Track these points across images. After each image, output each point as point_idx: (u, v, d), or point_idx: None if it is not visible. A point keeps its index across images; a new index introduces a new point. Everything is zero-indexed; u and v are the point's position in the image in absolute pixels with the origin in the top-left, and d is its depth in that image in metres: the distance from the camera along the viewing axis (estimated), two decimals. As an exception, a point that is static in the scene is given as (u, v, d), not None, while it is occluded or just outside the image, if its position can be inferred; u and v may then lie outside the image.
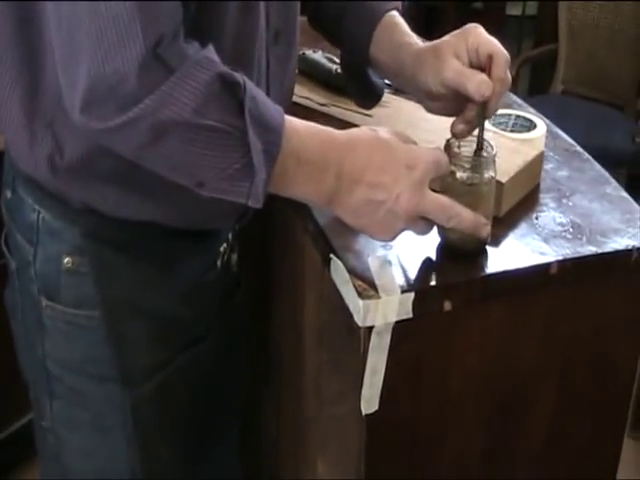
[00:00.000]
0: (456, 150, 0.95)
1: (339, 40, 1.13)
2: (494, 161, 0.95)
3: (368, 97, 1.17)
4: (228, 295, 1.11)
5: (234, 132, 0.82)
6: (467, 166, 0.94)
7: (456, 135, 0.97)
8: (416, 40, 1.05)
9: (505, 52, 0.97)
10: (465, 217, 0.91)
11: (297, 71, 1.30)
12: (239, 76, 0.83)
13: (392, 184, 0.87)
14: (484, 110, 0.96)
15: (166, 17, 0.78)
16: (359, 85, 1.15)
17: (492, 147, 0.96)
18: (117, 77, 0.78)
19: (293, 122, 0.88)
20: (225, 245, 1.09)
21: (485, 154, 0.95)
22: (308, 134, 0.88)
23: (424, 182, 0.89)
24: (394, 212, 0.88)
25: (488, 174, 0.94)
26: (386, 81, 1.25)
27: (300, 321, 1.16)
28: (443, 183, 0.94)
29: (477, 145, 0.96)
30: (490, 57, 0.95)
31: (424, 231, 0.92)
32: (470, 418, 0.99)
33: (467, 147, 0.96)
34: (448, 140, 0.97)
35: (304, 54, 1.33)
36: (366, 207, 0.88)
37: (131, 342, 1.00)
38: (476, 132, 0.97)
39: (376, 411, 0.93)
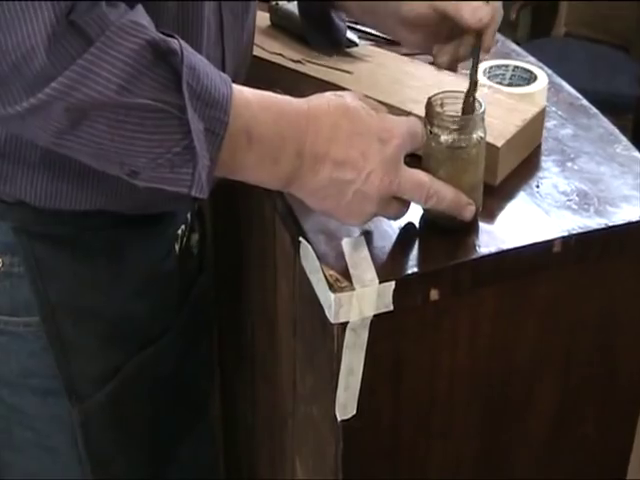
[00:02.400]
0: (439, 109, 0.83)
1: None
2: (483, 119, 0.83)
3: (330, 43, 1.06)
4: (189, 282, 1.00)
5: (171, 110, 0.70)
6: (452, 127, 0.82)
7: (439, 65, 0.85)
8: None
9: None
10: (445, 196, 0.80)
11: (270, 24, 1.19)
12: (174, 42, 0.70)
13: (361, 160, 0.76)
14: (479, 42, 0.84)
15: None
16: (319, 30, 1.04)
17: (480, 102, 0.83)
18: (21, 52, 0.65)
19: (244, 92, 0.75)
20: (183, 227, 0.97)
21: (476, 108, 0.83)
22: (262, 106, 0.76)
23: (398, 158, 0.78)
24: (364, 193, 0.77)
25: (477, 135, 0.82)
26: (362, 28, 1.14)
27: (273, 309, 1.04)
28: (426, 148, 0.83)
29: (467, 96, 0.83)
30: None
31: (398, 214, 0.81)
32: (461, 423, 0.89)
33: (452, 105, 0.84)
34: (430, 98, 0.84)
35: (277, 4, 1.20)
36: (332, 188, 0.77)
37: (77, 349, 0.89)
38: (461, 87, 0.85)
39: (353, 416, 0.82)
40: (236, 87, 0.74)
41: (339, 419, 0.82)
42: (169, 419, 1.01)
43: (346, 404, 0.81)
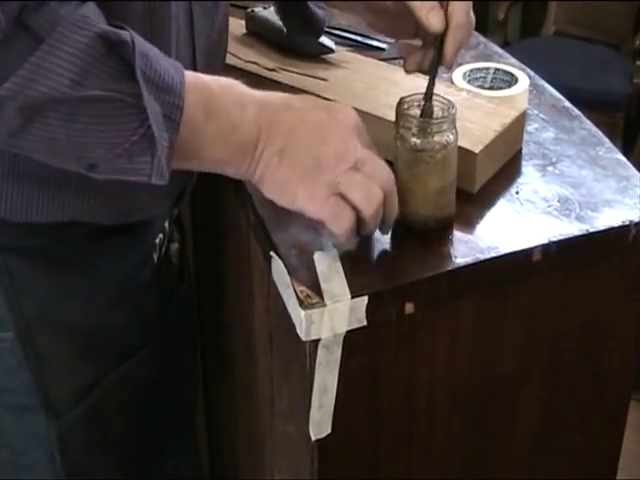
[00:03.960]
0: (404, 110, 0.81)
1: None
2: (453, 121, 0.80)
3: (309, 32, 1.04)
4: (168, 292, 0.98)
5: (126, 99, 0.68)
6: (414, 130, 0.80)
7: (407, 72, 0.85)
8: None
9: None
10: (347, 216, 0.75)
11: (246, 31, 1.17)
12: (125, 33, 0.68)
13: (316, 124, 0.74)
14: (438, 53, 0.81)
15: None
16: (296, 19, 1.02)
17: (451, 105, 0.81)
18: None
19: (200, 76, 0.74)
20: (161, 236, 0.95)
21: (438, 113, 0.81)
22: (220, 85, 0.74)
23: (354, 128, 0.75)
24: (322, 157, 0.73)
25: (442, 138, 0.80)
26: (339, 34, 1.13)
27: (250, 323, 1.02)
28: (394, 149, 0.81)
29: (425, 99, 0.82)
30: None
31: (358, 195, 0.74)
32: (442, 438, 0.86)
33: (418, 107, 0.82)
34: (402, 98, 0.82)
35: (252, 11, 1.18)
36: (288, 157, 0.74)
37: (53, 364, 0.87)
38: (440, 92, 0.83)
39: (328, 435, 0.79)
40: (191, 72, 0.73)
41: (313, 438, 0.79)
42: (150, 433, 0.99)
43: (320, 423, 0.78)
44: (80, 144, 0.70)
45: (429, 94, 0.82)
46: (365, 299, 0.75)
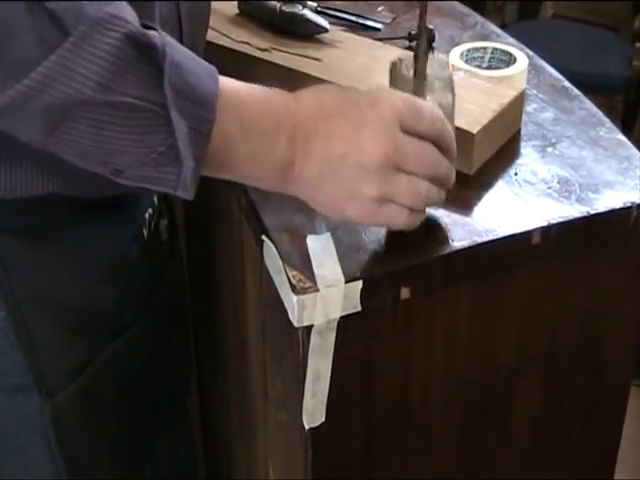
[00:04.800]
0: (397, 69, 0.79)
1: None
2: (449, 82, 0.78)
3: None
4: (160, 268, 0.96)
5: (154, 109, 0.66)
6: (408, 91, 0.77)
7: None
8: None
9: None
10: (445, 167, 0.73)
11: (238, 12, 1.15)
12: (156, 36, 0.65)
13: (352, 129, 0.69)
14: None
15: None
16: None
17: (446, 64, 0.79)
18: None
19: (231, 82, 0.71)
20: (150, 211, 0.93)
21: (432, 73, 0.79)
22: (250, 93, 0.71)
23: (393, 122, 0.70)
24: (361, 166, 0.69)
25: (436, 98, 0.77)
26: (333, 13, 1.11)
27: (243, 309, 1.00)
28: None
29: (415, 55, 0.78)
30: None
31: (409, 199, 0.71)
32: (438, 430, 0.84)
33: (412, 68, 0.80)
34: (395, 59, 0.80)
35: (245, -8, 1.15)
36: (326, 167, 0.70)
37: (45, 342, 0.85)
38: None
39: (322, 424, 0.77)
40: (223, 78, 0.70)
41: (307, 427, 0.77)
42: (146, 413, 0.97)
43: (314, 411, 0.76)
44: (107, 150, 0.68)
45: (422, 52, 0.78)
46: (359, 284, 0.73)
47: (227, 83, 0.70)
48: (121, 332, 0.90)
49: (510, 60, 1.02)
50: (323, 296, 0.72)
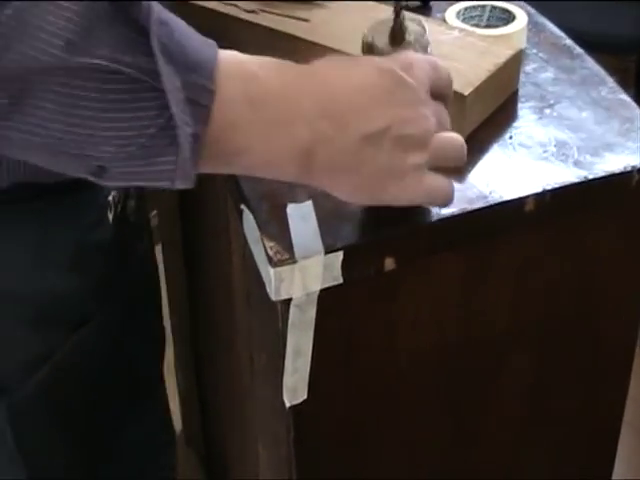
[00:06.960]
0: (369, 40, 0.76)
1: None
2: (424, 48, 0.75)
3: None
4: (126, 252, 0.90)
5: (139, 76, 0.55)
6: None
7: None
8: None
9: None
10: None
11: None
12: None
13: (387, 98, 0.63)
14: None
15: None
16: None
17: (423, 27, 0.75)
18: None
19: (235, 55, 0.61)
20: (114, 193, 0.86)
21: (409, 39, 0.75)
22: (261, 65, 0.61)
23: (427, 87, 0.65)
24: (402, 138, 0.62)
25: None
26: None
27: (229, 278, 0.96)
28: None
29: (394, 18, 0.74)
30: None
31: (455, 156, 0.68)
32: (425, 407, 0.81)
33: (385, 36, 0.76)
34: (367, 29, 0.77)
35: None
36: (364, 148, 0.62)
37: (3, 336, 0.81)
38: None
39: (304, 401, 0.74)
40: (229, 52, 0.60)
41: (288, 404, 0.74)
42: (113, 401, 0.93)
43: (295, 388, 0.73)
44: (82, 138, 0.57)
45: (397, 17, 0.75)
46: (340, 254, 0.69)
47: (229, 53, 0.60)
48: (83, 322, 0.84)
49: (509, 18, 0.98)
50: (301, 268, 0.68)
